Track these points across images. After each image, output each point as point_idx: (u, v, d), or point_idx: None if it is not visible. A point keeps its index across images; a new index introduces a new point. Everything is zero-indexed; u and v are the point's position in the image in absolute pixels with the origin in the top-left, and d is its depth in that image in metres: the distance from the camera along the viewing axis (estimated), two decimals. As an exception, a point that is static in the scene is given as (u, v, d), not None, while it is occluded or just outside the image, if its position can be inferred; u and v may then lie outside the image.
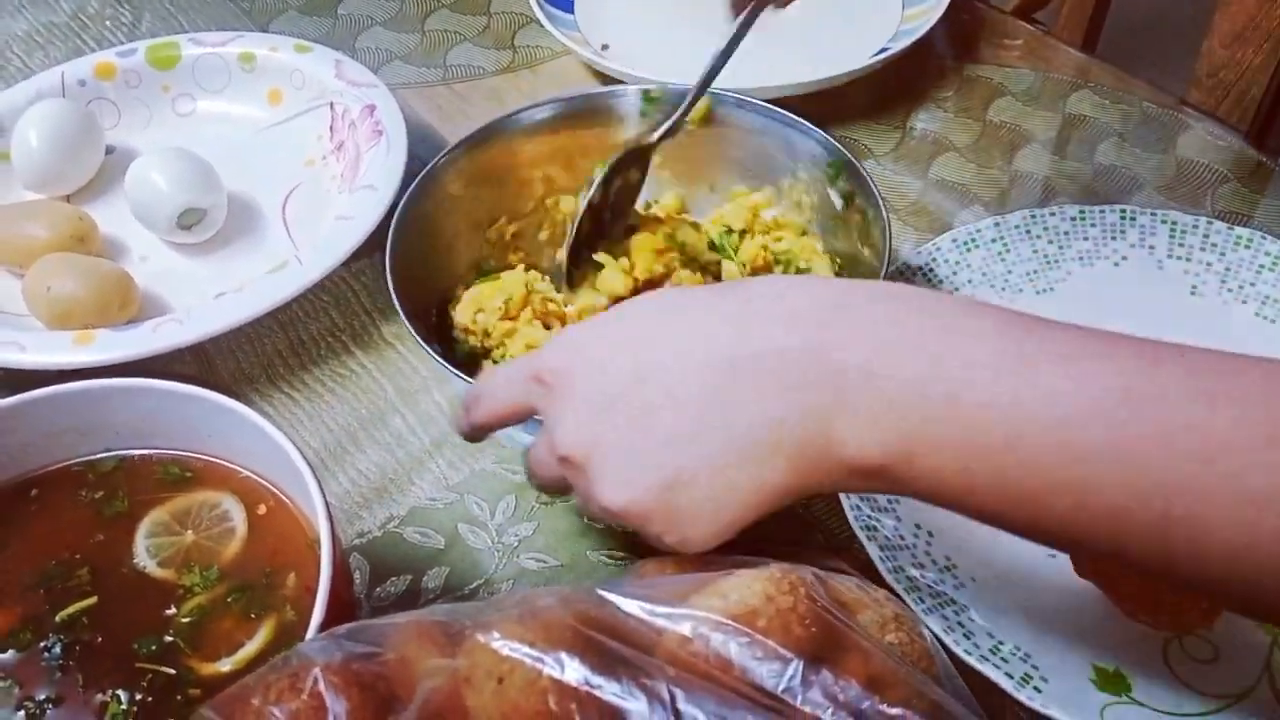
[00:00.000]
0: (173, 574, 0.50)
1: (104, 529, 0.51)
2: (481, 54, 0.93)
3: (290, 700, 0.37)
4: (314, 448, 0.65)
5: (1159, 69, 0.97)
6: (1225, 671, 0.53)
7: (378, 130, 0.78)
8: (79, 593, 0.49)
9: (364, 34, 0.96)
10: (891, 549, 0.55)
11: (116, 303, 0.68)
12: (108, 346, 0.65)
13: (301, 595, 0.49)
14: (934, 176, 0.81)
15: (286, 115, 0.84)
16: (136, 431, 0.53)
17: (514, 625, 0.39)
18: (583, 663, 0.38)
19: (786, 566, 0.42)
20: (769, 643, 0.39)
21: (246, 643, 0.47)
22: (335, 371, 0.70)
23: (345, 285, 0.74)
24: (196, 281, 0.74)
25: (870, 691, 0.39)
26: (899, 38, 0.87)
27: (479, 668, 0.38)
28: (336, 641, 0.39)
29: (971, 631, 0.53)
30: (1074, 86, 0.87)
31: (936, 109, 0.86)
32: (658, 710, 0.36)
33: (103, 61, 0.85)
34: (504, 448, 0.65)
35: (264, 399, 0.68)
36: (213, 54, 0.85)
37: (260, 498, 0.52)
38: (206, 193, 0.74)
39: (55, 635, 0.48)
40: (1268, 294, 0.68)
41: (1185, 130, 0.83)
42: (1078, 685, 0.52)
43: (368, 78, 0.82)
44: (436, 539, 0.61)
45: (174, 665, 0.47)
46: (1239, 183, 0.79)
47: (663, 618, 0.40)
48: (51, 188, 0.79)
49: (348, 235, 0.70)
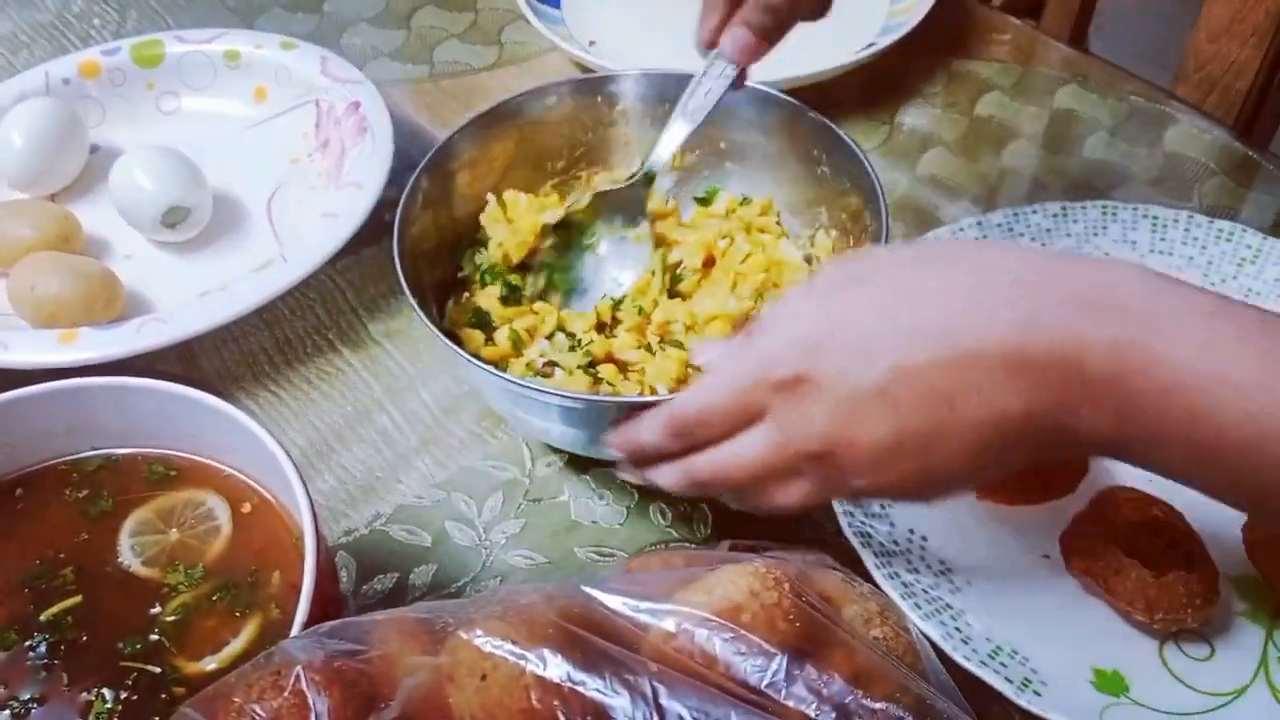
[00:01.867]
0: (157, 572, 0.50)
1: (89, 528, 0.51)
2: (468, 50, 0.93)
3: (272, 698, 0.37)
4: (300, 446, 0.65)
5: (1146, 63, 0.97)
6: (1222, 669, 0.53)
7: (363, 127, 0.77)
8: (64, 592, 0.49)
9: (350, 30, 0.96)
10: (886, 554, 0.55)
11: (101, 301, 0.68)
12: (92, 345, 0.65)
13: (286, 593, 0.49)
14: (922, 172, 0.81)
15: (272, 112, 0.84)
16: (121, 430, 0.53)
17: (497, 622, 0.39)
18: (565, 659, 0.38)
19: (771, 561, 0.42)
20: (753, 638, 0.39)
21: (231, 641, 0.47)
22: (321, 369, 0.70)
23: (331, 283, 0.74)
24: (181, 280, 0.74)
25: (855, 686, 0.39)
26: (886, 32, 0.87)
27: (462, 665, 0.38)
28: (319, 639, 0.39)
29: (969, 636, 0.53)
30: (1062, 81, 0.88)
31: (924, 104, 0.86)
32: (640, 706, 0.36)
33: (87, 60, 0.84)
34: (490, 445, 0.65)
35: (249, 397, 0.68)
36: (197, 51, 0.85)
37: (245, 496, 0.52)
38: (191, 191, 0.74)
39: (40, 634, 0.47)
40: (1250, 286, 0.68)
41: (1172, 124, 0.84)
42: (1077, 687, 0.52)
43: (353, 74, 0.82)
44: (423, 536, 0.61)
45: (159, 664, 0.47)
46: (1226, 176, 0.79)
47: (647, 613, 0.40)
48: (36, 187, 0.78)
49: (333, 233, 0.70)
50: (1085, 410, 0.41)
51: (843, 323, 0.46)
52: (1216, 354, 0.40)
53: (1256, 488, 0.41)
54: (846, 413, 0.44)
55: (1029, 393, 0.42)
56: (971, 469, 0.45)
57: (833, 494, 0.48)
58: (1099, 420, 0.42)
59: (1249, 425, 0.39)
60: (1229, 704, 0.52)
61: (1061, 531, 0.58)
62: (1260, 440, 0.39)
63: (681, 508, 0.62)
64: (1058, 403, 0.42)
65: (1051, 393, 0.42)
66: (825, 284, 0.48)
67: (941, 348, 0.43)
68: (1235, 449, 0.39)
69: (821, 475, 0.46)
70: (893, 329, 0.44)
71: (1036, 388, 0.42)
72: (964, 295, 0.44)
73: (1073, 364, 0.41)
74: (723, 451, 0.48)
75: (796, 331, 0.46)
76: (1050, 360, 0.42)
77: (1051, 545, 0.58)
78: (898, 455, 0.44)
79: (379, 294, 0.73)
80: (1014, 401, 0.42)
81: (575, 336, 0.64)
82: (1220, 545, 0.56)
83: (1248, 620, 0.56)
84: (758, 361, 0.47)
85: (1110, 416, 0.41)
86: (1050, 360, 0.42)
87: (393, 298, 0.73)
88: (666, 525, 0.61)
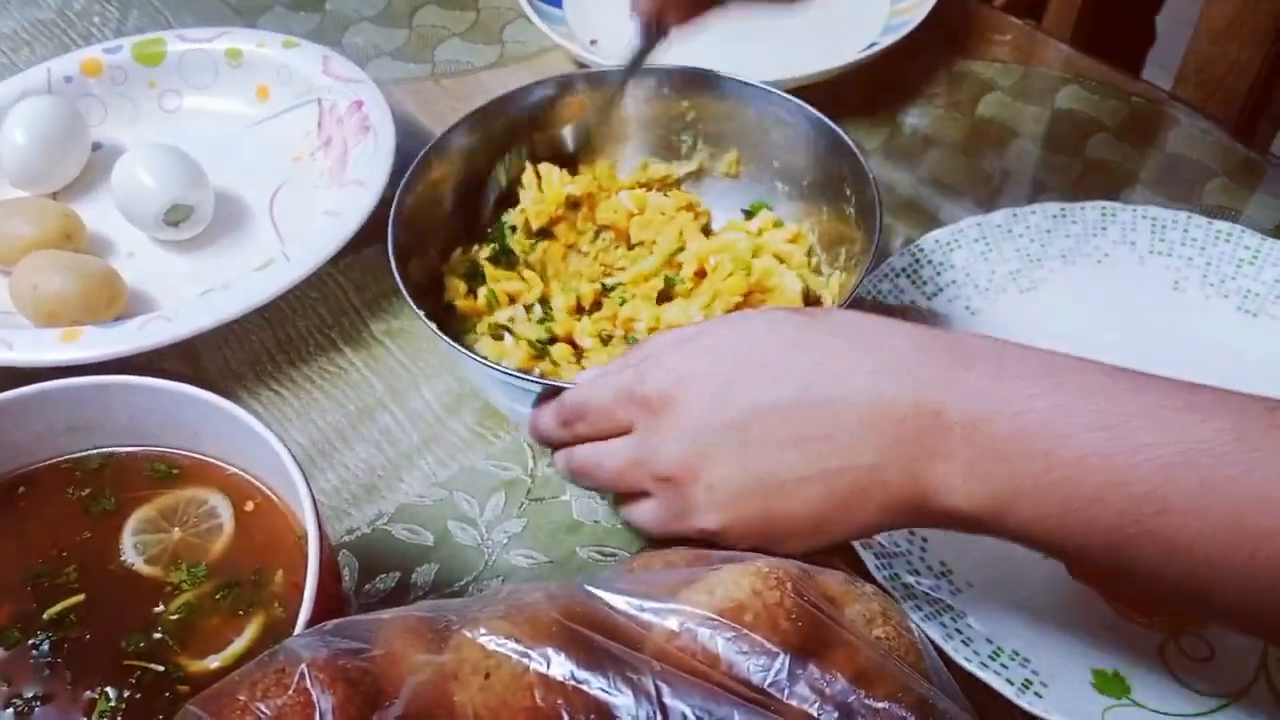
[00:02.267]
0: (160, 571, 0.50)
1: (91, 526, 0.51)
2: (470, 49, 0.93)
3: (276, 696, 0.37)
4: (302, 445, 0.65)
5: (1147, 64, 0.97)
6: (1222, 670, 0.53)
7: (365, 126, 0.77)
8: (67, 590, 0.49)
9: (351, 29, 0.96)
10: (887, 556, 0.55)
11: (103, 300, 0.68)
12: (95, 344, 0.65)
13: (289, 592, 0.49)
14: (923, 172, 0.81)
15: (273, 111, 0.84)
16: (123, 429, 0.53)
17: (500, 621, 0.39)
18: (569, 658, 0.38)
19: (774, 561, 0.42)
20: (755, 637, 0.39)
21: (235, 639, 0.47)
22: (324, 369, 0.70)
23: (333, 282, 0.74)
24: (184, 278, 0.74)
25: (857, 686, 0.39)
26: (888, 32, 0.87)
27: (465, 663, 0.38)
28: (323, 637, 0.39)
29: (970, 638, 0.53)
30: (1063, 81, 0.88)
31: (926, 104, 0.87)
32: (644, 705, 0.36)
33: (89, 58, 0.84)
34: (493, 445, 0.65)
35: (252, 396, 0.68)
36: (199, 50, 0.85)
37: (248, 494, 0.52)
38: (193, 189, 0.74)
39: (43, 633, 0.47)
40: (1249, 288, 0.68)
41: (1174, 125, 0.84)
42: (1078, 689, 0.52)
43: (355, 73, 0.82)
44: (426, 536, 0.61)
45: (162, 662, 0.47)
46: (1227, 178, 0.79)
47: (650, 613, 0.40)
48: (38, 185, 0.78)
49: (336, 231, 0.70)
50: (940, 463, 0.42)
51: (717, 361, 0.48)
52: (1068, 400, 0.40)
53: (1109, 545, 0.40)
54: (698, 443, 0.46)
55: (881, 441, 0.43)
56: (815, 522, 0.45)
57: (680, 525, 0.49)
58: (952, 476, 0.42)
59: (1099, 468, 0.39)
60: (1229, 705, 0.52)
61: (1062, 532, 0.58)
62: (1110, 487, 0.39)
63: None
64: (910, 455, 0.42)
65: (903, 445, 0.42)
66: (718, 325, 0.51)
67: (800, 390, 0.45)
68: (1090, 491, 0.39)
69: (671, 502, 0.48)
70: (758, 373, 0.46)
71: (889, 437, 0.43)
72: (834, 351, 0.46)
73: (931, 414, 0.42)
74: (595, 449, 0.51)
75: (675, 358, 0.49)
76: (910, 410, 0.42)
77: (1052, 546, 0.58)
78: (741, 495, 0.46)
79: (381, 293, 0.73)
80: (866, 452, 0.43)
81: (551, 311, 0.66)
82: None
83: (1248, 620, 0.56)
84: (634, 374, 0.50)
85: (963, 469, 0.41)
86: (910, 410, 0.42)
87: (395, 297, 0.73)
88: (668, 525, 0.61)
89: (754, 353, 0.47)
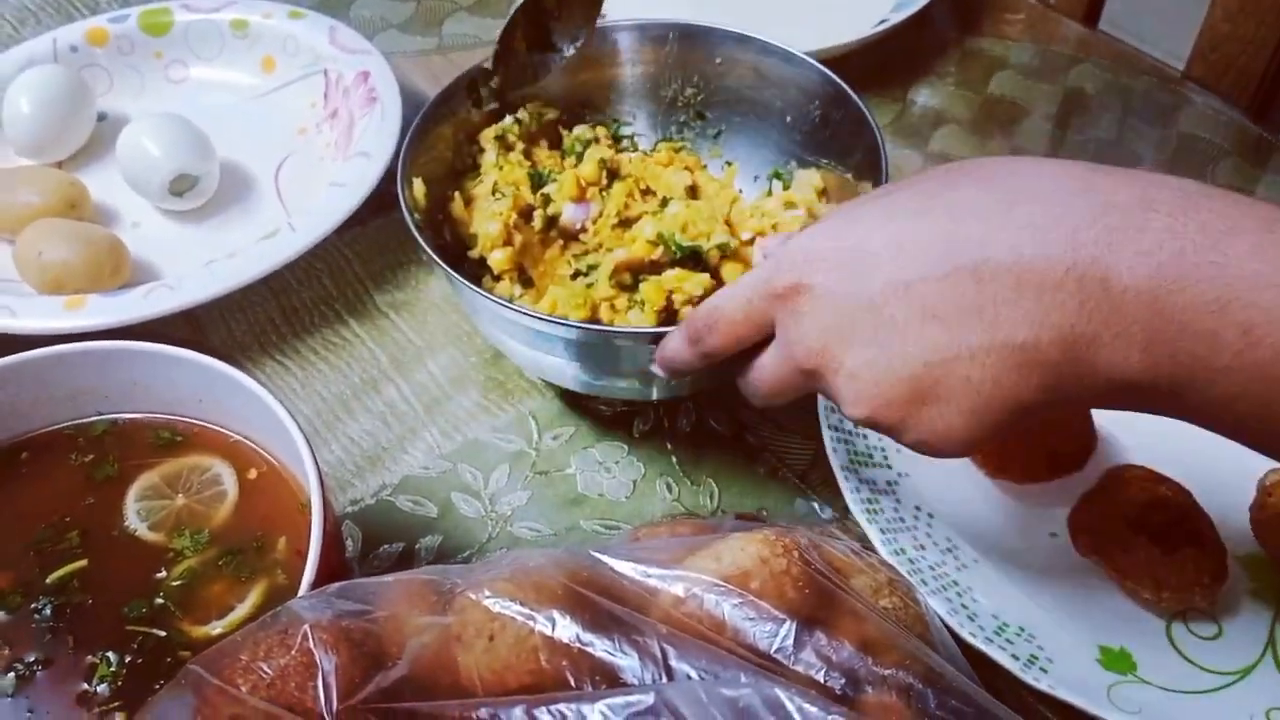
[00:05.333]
0: (163, 537, 0.50)
1: (94, 492, 0.51)
2: (477, 22, 0.93)
3: (279, 656, 0.36)
4: (306, 415, 0.65)
5: (1160, 43, 0.96)
6: (1229, 648, 0.53)
7: (372, 97, 0.77)
8: (69, 555, 0.49)
9: (358, 2, 0.95)
10: (892, 531, 0.55)
11: (108, 269, 0.68)
12: (99, 312, 0.64)
13: (292, 559, 0.48)
14: (934, 149, 0.81)
15: (280, 82, 0.84)
16: (127, 395, 0.53)
17: (505, 583, 0.39)
18: (574, 620, 0.37)
19: (781, 529, 0.42)
20: (762, 604, 0.39)
21: (237, 606, 0.47)
22: (328, 339, 0.69)
23: (339, 253, 0.74)
24: (188, 248, 0.73)
25: (864, 653, 0.38)
26: (900, 8, 0.86)
27: (469, 625, 0.38)
28: (326, 599, 0.38)
29: (975, 613, 0.52)
30: (1075, 60, 0.87)
31: (937, 82, 0.86)
32: (649, 667, 0.36)
33: (95, 27, 0.84)
34: (497, 417, 0.64)
35: (256, 366, 0.68)
36: (205, 20, 0.84)
37: (251, 462, 0.52)
38: (199, 159, 0.73)
39: (45, 597, 0.47)
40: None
41: (1186, 105, 0.83)
42: (1083, 665, 0.52)
43: (362, 44, 0.81)
44: (429, 507, 0.61)
45: (164, 628, 0.46)
46: (1240, 158, 0.79)
47: (656, 579, 0.39)
48: (43, 154, 0.78)
49: (341, 202, 0.70)
50: (1108, 339, 0.36)
51: (847, 237, 0.42)
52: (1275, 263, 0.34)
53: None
54: (837, 329, 0.41)
55: (1039, 316, 0.37)
56: (970, 407, 0.39)
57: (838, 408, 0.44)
58: (1127, 352, 0.36)
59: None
60: (1236, 683, 0.52)
61: (1069, 509, 0.58)
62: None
63: (688, 481, 0.61)
64: (1074, 331, 0.36)
65: (1066, 316, 0.36)
66: (852, 203, 0.45)
67: (939, 262, 0.39)
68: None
69: (824, 390, 0.44)
70: (893, 243, 0.41)
71: (1049, 310, 0.36)
72: (977, 210, 0.39)
73: (1095, 281, 0.36)
74: (749, 367, 0.47)
75: (805, 243, 0.44)
76: (1067, 276, 0.36)
77: (1059, 523, 0.58)
78: (883, 384, 0.41)
79: (386, 265, 0.73)
80: (1020, 328, 0.37)
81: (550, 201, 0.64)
82: (1227, 524, 0.56)
83: (1255, 599, 0.55)
84: (768, 270, 0.45)
85: (1140, 346, 0.36)
86: (1067, 276, 0.36)
87: (400, 269, 0.73)
88: (673, 499, 0.61)
89: (889, 219, 0.42)
